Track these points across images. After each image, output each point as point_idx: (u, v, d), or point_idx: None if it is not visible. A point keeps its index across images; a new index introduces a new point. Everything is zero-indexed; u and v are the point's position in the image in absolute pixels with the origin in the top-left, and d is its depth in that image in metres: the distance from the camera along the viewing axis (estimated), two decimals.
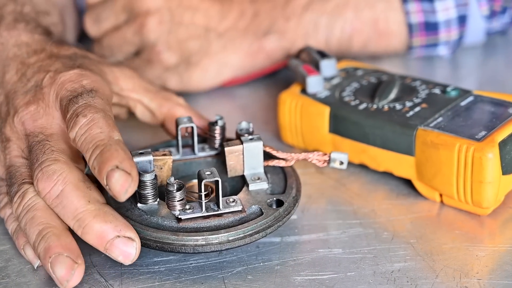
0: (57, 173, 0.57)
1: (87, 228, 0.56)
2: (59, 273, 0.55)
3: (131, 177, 0.55)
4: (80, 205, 0.57)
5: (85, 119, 0.58)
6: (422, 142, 0.64)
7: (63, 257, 0.56)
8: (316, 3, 0.82)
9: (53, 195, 0.57)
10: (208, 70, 0.81)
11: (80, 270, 0.56)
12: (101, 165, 0.55)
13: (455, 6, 0.83)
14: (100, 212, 0.57)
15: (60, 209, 0.57)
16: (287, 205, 0.60)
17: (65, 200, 0.57)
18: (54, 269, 0.56)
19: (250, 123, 0.65)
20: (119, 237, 0.56)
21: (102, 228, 0.56)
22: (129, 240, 0.57)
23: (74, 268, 0.56)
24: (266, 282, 0.57)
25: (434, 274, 0.58)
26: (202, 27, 0.80)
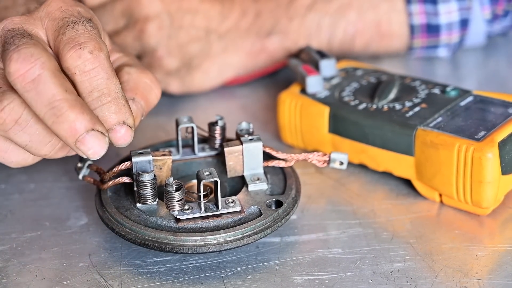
0: (35, 56, 0.54)
1: (62, 118, 0.53)
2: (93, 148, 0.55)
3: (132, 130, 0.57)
4: (58, 92, 0.53)
5: (90, 55, 0.56)
6: (422, 142, 0.64)
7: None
8: (319, 4, 0.82)
9: (27, 78, 0.53)
10: (210, 71, 0.81)
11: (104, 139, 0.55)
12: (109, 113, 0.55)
13: (458, 10, 0.83)
14: (77, 103, 0.54)
15: (33, 95, 0.53)
16: (286, 206, 0.60)
17: (41, 85, 0.53)
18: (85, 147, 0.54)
19: (250, 124, 0.65)
20: (93, 131, 0.54)
21: (78, 118, 0.53)
22: (102, 135, 0.54)
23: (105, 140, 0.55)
24: (266, 282, 0.57)
25: (433, 274, 0.58)
26: (203, 29, 0.80)
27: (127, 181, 0.61)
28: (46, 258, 0.60)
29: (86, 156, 0.55)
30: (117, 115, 0.56)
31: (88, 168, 0.62)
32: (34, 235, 0.63)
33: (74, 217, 0.65)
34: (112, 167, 0.62)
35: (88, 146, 0.54)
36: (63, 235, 0.63)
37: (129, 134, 0.56)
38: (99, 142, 0.54)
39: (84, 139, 0.54)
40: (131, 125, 0.57)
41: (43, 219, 0.65)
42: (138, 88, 0.61)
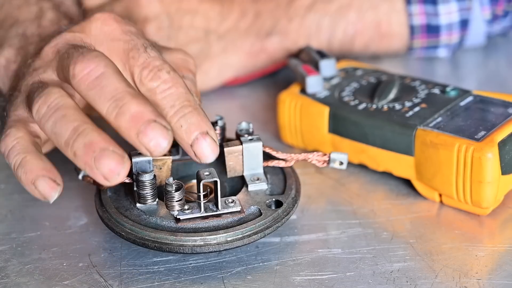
0: (99, 57, 0.55)
1: (124, 108, 0.53)
2: (108, 167, 0.52)
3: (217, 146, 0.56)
4: (121, 86, 0.54)
5: (168, 75, 0.57)
6: (422, 142, 0.64)
7: (109, 151, 0.52)
8: (319, 4, 0.82)
9: (92, 76, 0.54)
10: (209, 72, 0.81)
11: (129, 164, 0.53)
12: (191, 126, 0.56)
13: (458, 10, 0.83)
14: (140, 95, 0.54)
15: (97, 91, 0.54)
16: (286, 206, 0.60)
17: (105, 80, 0.54)
18: (100, 164, 0.52)
19: (250, 124, 0.65)
20: (156, 122, 0.53)
21: (140, 109, 0.53)
22: (164, 127, 0.53)
23: (124, 162, 0.53)
24: (266, 282, 0.57)
25: (433, 274, 0.58)
26: (202, 30, 0.80)
27: (127, 181, 0.61)
28: (46, 258, 0.60)
29: (149, 151, 0.53)
30: (200, 125, 0.56)
31: None
32: (34, 235, 0.63)
33: (74, 217, 0.65)
34: None
35: (150, 136, 0.53)
36: (63, 235, 0.63)
37: (214, 146, 0.56)
38: (161, 132, 0.53)
39: (146, 130, 0.53)
40: (215, 138, 0.56)
41: (43, 219, 0.65)
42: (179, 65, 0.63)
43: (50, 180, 0.56)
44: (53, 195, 0.56)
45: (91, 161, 0.52)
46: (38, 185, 0.55)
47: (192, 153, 0.56)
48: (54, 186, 0.56)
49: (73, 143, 0.53)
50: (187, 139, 0.56)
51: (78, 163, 0.53)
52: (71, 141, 0.53)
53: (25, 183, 0.56)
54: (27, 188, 0.56)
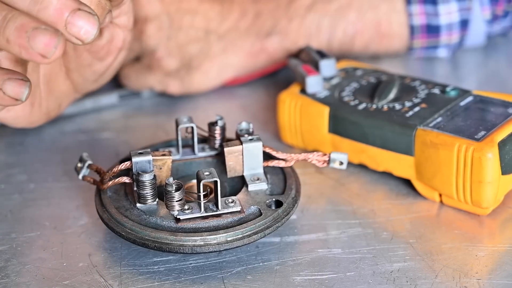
0: None
1: (46, 1, 0.52)
2: (44, 41, 0.51)
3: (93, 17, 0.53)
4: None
5: None
6: (422, 142, 0.64)
7: (41, 29, 0.51)
8: (319, 4, 0.82)
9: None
10: (209, 72, 0.81)
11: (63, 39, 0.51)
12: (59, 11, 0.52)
13: (458, 10, 0.83)
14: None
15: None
16: (286, 206, 0.60)
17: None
18: (35, 41, 0.51)
19: (250, 124, 0.65)
20: (80, 10, 0.52)
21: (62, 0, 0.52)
22: (90, 13, 0.52)
23: (59, 35, 0.51)
24: (266, 282, 0.57)
25: (433, 274, 0.58)
26: (202, 30, 0.80)
27: (127, 181, 0.61)
28: (46, 258, 0.60)
29: (80, 40, 0.52)
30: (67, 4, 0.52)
31: (88, 168, 0.62)
32: (34, 235, 0.63)
33: (74, 217, 0.65)
34: (112, 167, 0.62)
35: (78, 25, 0.51)
36: (63, 235, 0.63)
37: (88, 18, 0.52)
38: (88, 19, 0.52)
39: (73, 19, 0.52)
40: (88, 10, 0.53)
41: (43, 219, 0.65)
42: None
43: (17, 79, 0.54)
44: (23, 91, 0.54)
45: (25, 41, 0.51)
46: (6, 88, 0.54)
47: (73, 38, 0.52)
48: (22, 82, 0.54)
49: (4, 30, 0.52)
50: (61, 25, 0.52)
51: (13, 49, 0.52)
52: (1, 29, 0.52)
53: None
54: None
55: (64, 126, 0.78)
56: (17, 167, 0.72)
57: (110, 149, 0.74)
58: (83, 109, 0.80)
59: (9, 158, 0.74)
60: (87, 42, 0.53)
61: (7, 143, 0.76)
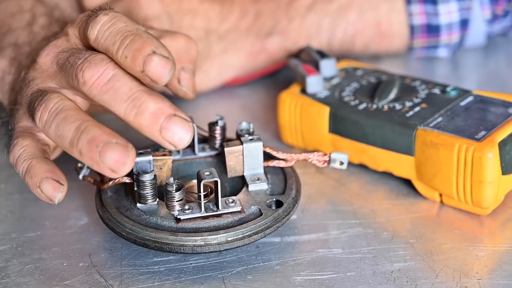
0: (105, 60, 0.55)
1: (143, 106, 0.53)
2: (113, 158, 0.52)
3: (171, 60, 0.53)
4: (135, 85, 0.54)
5: (106, 16, 0.56)
6: (422, 142, 0.64)
7: (113, 144, 0.52)
8: (319, 4, 0.82)
9: (104, 80, 0.54)
10: (210, 72, 0.81)
11: (134, 153, 0.53)
12: (135, 52, 0.53)
13: (458, 10, 0.83)
14: (155, 92, 0.54)
15: (111, 94, 0.54)
16: (287, 206, 0.60)
17: (117, 83, 0.54)
18: (105, 157, 0.52)
19: (251, 124, 0.65)
20: (176, 116, 0.53)
21: (159, 105, 0.53)
22: (186, 121, 0.53)
23: (129, 151, 0.52)
24: (266, 282, 0.57)
25: (434, 274, 0.58)
26: (202, 30, 0.80)
27: (127, 181, 0.61)
28: (46, 258, 0.60)
29: (173, 146, 0.53)
30: (143, 48, 0.53)
31: (88, 168, 0.62)
32: (34, 235, 0.63)
33: (74, 217, 0.65)
34: None
35: (173, 131, 0.53)
36: (64, 235, 0.63)
37: (164, 62, 0.53)
38: (183, 126, 0.53)
39: (168, 125, 0.53)
40: (165, 54, 0.54)
41: (43, 219, 0.65)
42: (179, 55, 0.62)
43: (53, 181, 0.56)
44: (56, 196, 0.56)
45: (96, 156, 0.52)
46: (42, 187, 0.56)
47: (148, 79, 0.54)
48: (57, 186, 0.56)
49: (77, 142, 0.53)
50: (136, 67, 0.53)
51: (85, 161, 0.53)
52: (75, 141, 0.53)
53: (32, 188, 0.57)
54: (35, 193, 0.57)
55: None
56: None
57: None
58: None
59: None
60: (180, 148, 0.54)
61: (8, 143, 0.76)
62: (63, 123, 0.54)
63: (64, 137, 0.54)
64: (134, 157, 0.53)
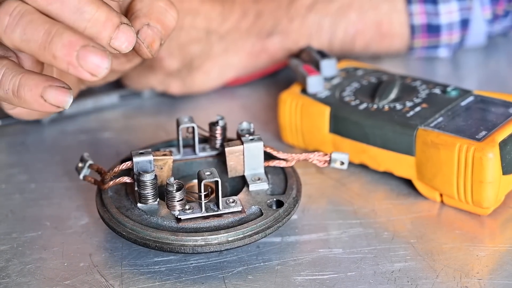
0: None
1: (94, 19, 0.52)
2: (94, 61, 0.51)
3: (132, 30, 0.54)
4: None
5: None
6: (423, 142, 0.64)
7: (91, 47, 0.51)
8: (320, 4, 0.82)
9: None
10: (211, 72, 0.81)
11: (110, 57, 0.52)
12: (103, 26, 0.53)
13: (458, 10, 0.83)
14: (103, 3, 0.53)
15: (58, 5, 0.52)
16: (287, 206, 0.60)
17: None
18: (86, 61, 0.51)
19: (251, 124, 0.65)
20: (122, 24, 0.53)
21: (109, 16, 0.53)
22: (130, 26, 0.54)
23: (107, 54, 0.52)
24: (267, 282, 0.57)
25: (434, 274, 0.58)
26: (203, 30, 0.80)
27: (128, 181, 0.61)
28: (47, 258, 0.60)
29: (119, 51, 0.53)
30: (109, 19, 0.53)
31: (88, 168, 0.62)
32: (35, 235, 0.63)
33: (75, 217, 0.65)
34: (113, 167, 0.62)
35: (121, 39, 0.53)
36: (64, 235, 0.63)
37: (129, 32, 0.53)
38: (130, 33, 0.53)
39: (118, 34, 0.53)
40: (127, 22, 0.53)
41: (44, 219, 0.65)
42: (152, 13, 0.60)
43: (59, 87, 0.54)
44: (67, 100, 0.54)
45: (74, 59, 0.51)
46: (48, 95, 0.53)
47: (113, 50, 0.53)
48: (65, 90, 0.54)
49: (49, 46, 0.51)
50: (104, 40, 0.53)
51: (59, 64, 0.52)
52: (46, 44, 0.52)
53: (32, 100, 0.54)
54: (35, 106, 0.54)
55: (65, 126, 0.78)
56: (18, 167, 0.72)
57: (111, 149, 0.74)
58: (84, 109, 0.80)
59: (10, 158, 0.74)
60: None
61: (8, 143, 0.76)
62: (29, 26, 0.52)
63: (33, 41, 0.52)
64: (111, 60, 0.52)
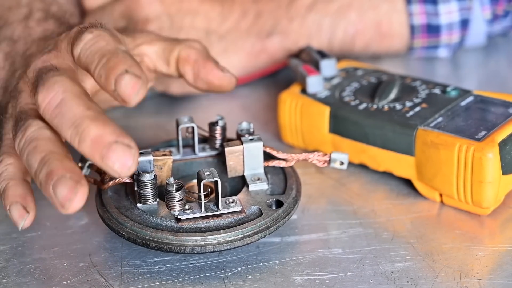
0: (58, 83, 0.54)
1: (84, 134, 0.52)
2: (61, 194, 0.52)
3: (141, 80, 0.53)
4: (79, 111, 0.53)
5: (91, 34, 0.56)
6: (422, 142, 0.64)
7: (65, 178, 0.52)
8: (319, 4, 0.82)
9: (52, 105, 0.54)
10: None
11: (83, 191, 0.52)
12: (108, 70, 0.53)
13: (458, 10, 0.83)
14: (100, 118, 0.53)
15: (58, 120, 0.54)
16: (287, 206, 0.60)
17: (64, 107, 0.53)
18: (56, 192, 0.52)
19: (251, 124, 0.65)
20: (118, 143, 0.51)
21: (100, 132, 0.52)
22: (127, 147, 0.52)
23: (77, 188, 0.52)
24: (266, 282, 0.57)
25: (434, 274, 0.58)
26: (203, 31, 0.80)
27: (128, 181, 0.61)
28: (47, 258, 0.60)
29: (117, 174, 0.52)
30: (117, 67, 0.53)
31: (88, 168, 0.62)
32: (35, 235, 0.63)
33: (75, 217, 0.65)
34: None
35: (113, 158, 0.51)
36: (64, 235, 0.63)
37: (134, 82, 0.53)
38: (123, 153, 0.51)
39: (109, 153, 0.51)
40: (137, 73, 0.53)
41: (44, 219, 0.65)
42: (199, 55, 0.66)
43: (21, 207, 0.57)
44: (19, 223, 0.57)
45: (50, 189, 0.52)
46: (11, 211, 0.57)
47: (119, 99, 0.53)
48: (23, 213, 0.57)
49: (39, 174, 0.54)
50: (109, 86, 0.53)
51: (43, 192, 0.54)
52: (38, 172, 0.54)
53: (4, 208, 0.58)
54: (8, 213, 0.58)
55: None
56: None
57: None
58: None
59: None
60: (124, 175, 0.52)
61: None
62: (31, 153, 0.55)
63: (31, 167, 0.54)
64: (84, 196, 0.52)
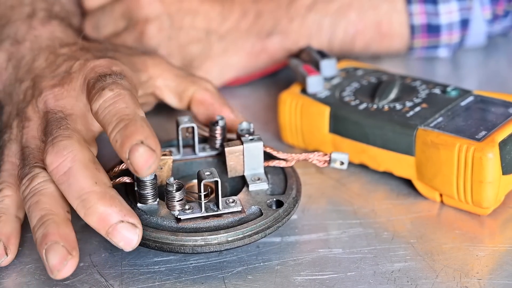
0: (67, 149, 0.56)
1: (91, 210, 0.55)
2: (52, 262, 0.54)
3: (155, 154, 0.54)
4: (87, 185, 0.55)
5: (111, 92, 0.57)
6: (422, 142, 0.64)
7: (58, 246, 0.54)
8: (319, 4, 0.82)
9: (60, 171, 0.56)
10: (210, 73, 0.80)
11: (73, 262, 0.54)
12: (124, 138, 0.54)
13: (458, 10, 0.83)
14: (106, 195, 0.55)
15: (65, 187, 0.56)
16: (287, 206, 0.60)
17: (71, 178, 0.55)
18: (47, 257, 0.54)
19: (251, 123, 0.65)
20: (123, 222, 0.55)
21: (107, 211, 0.55)
22: (132, 226, 0.55)
23: (67, 259, 0.54)
24: (266, 282, 0.57)
25: (434, 274, 0.58)
26: (203, 30, 0.80)
27: (128, 181, 0.61)
28: None
29: (121, 248, 0.55)
30: (133, 136, 0.54)
31: None
32: None
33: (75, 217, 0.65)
34: (113, 167, 0.62)
35: (118, 237, 0.55)
36: None
37: (148, 156, 0.54)
38: (128, 233, 0.55)
39: (114, 231, 0.55)
40: (152, 146, 0.54)
41: None
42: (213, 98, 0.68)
43: (2, 245, 0.58)
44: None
45: (42, 252, 0.55)
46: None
47: (131, 168, 0.54)
48: (2, 253, 0.58)
49: (36, 231, 0.56)
50: (123, 154, 0.54)
51: (37, 250, 0.55)
52: (35, 228, 0.56)
53: None
54: None
55: None
56: None
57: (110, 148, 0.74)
58: None
59: None
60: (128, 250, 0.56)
61: None
62: (33, 208, 0.57)
63: (31, 221, 0.57)
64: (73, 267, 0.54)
